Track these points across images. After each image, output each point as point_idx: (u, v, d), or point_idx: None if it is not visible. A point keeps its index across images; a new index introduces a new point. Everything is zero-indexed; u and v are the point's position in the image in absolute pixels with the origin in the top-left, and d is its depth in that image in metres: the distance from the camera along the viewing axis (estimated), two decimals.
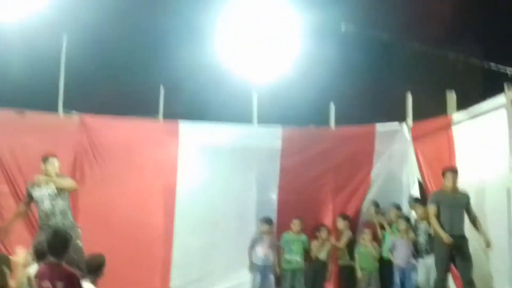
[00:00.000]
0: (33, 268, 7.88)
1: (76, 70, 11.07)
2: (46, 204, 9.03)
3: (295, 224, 10.83)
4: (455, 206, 9.33)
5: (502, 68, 12.08)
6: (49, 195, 9.08)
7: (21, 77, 11.96)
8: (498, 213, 9.26)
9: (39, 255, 8.64)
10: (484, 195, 9.71)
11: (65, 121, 10.74)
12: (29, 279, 7.62)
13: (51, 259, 6.77)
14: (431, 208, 9.40)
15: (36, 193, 9.13)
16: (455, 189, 9.46)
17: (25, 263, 8.49)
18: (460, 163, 10.22)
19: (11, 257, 8.81)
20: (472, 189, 9.79)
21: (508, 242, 8.98)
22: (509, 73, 11.81)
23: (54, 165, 9.25)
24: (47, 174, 9.16)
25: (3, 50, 11.24)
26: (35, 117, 10.53)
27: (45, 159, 9.23)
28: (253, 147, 11.24)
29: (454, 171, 9.55)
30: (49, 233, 7.34)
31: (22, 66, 11.93)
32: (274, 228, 10.95)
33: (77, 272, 7.19)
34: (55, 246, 6.82)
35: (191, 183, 10.96)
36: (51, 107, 10.74)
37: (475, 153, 10.04)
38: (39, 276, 6.73)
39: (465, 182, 9.90)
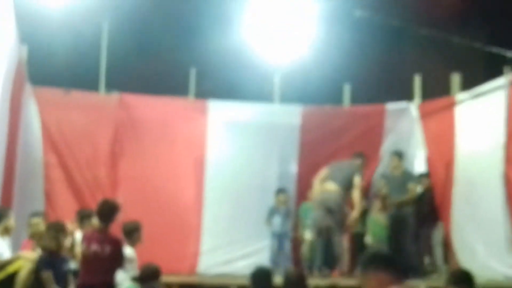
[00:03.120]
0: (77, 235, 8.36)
1: (116, 52, 11.36)
2: None
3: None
4: None
5: (503, 51, 12.38)
6: None
7: (67, 59, 12.30)
8: (492, 188, 9.49)
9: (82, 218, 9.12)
10: (480, 170, 9.93)
11: (106, 100, 11.11)
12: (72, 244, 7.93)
13: (98, 224, 7.25)
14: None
15: None
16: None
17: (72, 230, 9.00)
18: (460, 140, 10.48)
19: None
20: (470, 164, 10.16)
21: (501, 215, 9.28)
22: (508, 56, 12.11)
23: None
24: None
25: (51, 34, 11.49)
26: (79, 96, 10.94)
27: None
28: (275, 124, 11.51)
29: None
30: (99, 203, 7.85)
31: (68, 49, 12.23)
32: (290, 198, 11.30)
33: (121, 239, 7.74)
34: (104, 212, 7.22)
35: (218, 157, 11.27)
36: (93, 87, 11.10)
37: (475, 131, 10.24)
38: (87, 239, 7.07)
39: (465, 157, 10.30)
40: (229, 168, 11.26)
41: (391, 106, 11.86)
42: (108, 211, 7.23)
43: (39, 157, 10.48)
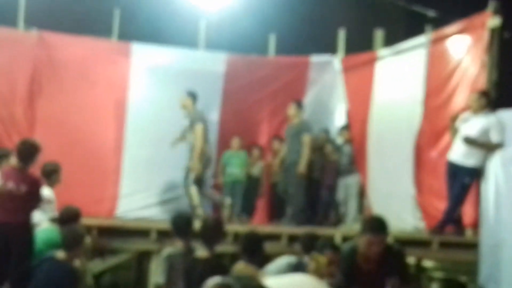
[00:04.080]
0: None
1: None
2: None
3: (235, 142, 11.12)
4: None
5: (425, 10, 12.62)
6: None
7: None
8: (403, 142, 9.81)
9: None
10: (393, 125, 10.19)
11: (25, 36, 10.65)
12: None
13: (17, 163, 7.06)
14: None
15: None
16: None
17: None
18: (376, 95, 10.68)
19: None
20: (384, 118, 10.39)
21: (409, 171, 9.66)
22: (430, 15, 12.35)
23: None
24: None
25: None
26: None
27: None
28: (199, 70, 11.28)
29: None
30: (19, 142, 7.61)
31: None
32: (212, 144, 10.95)
33: (40, 179, 7.54)
34: (24, 152, 7.08)
35: (140, 101, 11.01)
36: (12, 23, 10.59)
37: (392, 86, 10.44)
38: (5, 177, 6.90)
39: (380, 113, 10.52)
40: (151, 113, 11.04)
41: (315, 59, 11.88)
42: (28, 151, 7.11)
43: None
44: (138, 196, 10.79)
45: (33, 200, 7.08)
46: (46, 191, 7.78)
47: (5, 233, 6.76)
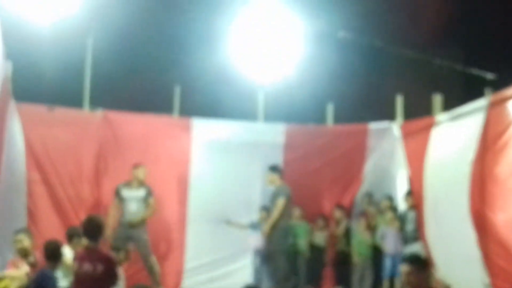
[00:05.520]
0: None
1: (101, 69, 11.26)
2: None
3: (296, 212, 11.08)
4: None
5: (483, 73, 12.44)
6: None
7: (51, 76, 12.21)
8: (459, 205, 9.40)
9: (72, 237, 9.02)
10: (446, 188, 9.90)
11: (90, 117, 10.98)
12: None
13: (88, 243, 7.04)
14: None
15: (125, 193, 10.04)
16: None
17: None
18: (431, 160, 10.42)
19: None
20: (440, 182, 10.12)
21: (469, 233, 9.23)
22: (488, 78, 12.16)
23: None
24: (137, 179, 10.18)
25: (36, 50, 11.36)
26: (63, 112, 10.78)
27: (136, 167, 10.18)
28: (259, 142, 11.43)
29: None
30: (84, 219, 7.70)
31: (52, 65, 12.14)
32: None
33: (113, 256, 7.57)
34: (91, 230, 7.04)
35: (202, 174, 11.16)
36: (78, 104, 10.97)
37: (447, 150, 10.19)
38: (79, 259, 6.90)
39: (433, 177, 10.27)
40: (213, 186, 11.15)
41: (374, 126, 11.86)
42: (95, 228, 7.09)
43: (23, 173, 10.27)
44: (203, 269, 10.85)
45: (110, 278, 6.99)
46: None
47: None
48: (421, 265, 5.89)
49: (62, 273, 7.79)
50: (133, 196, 10.28)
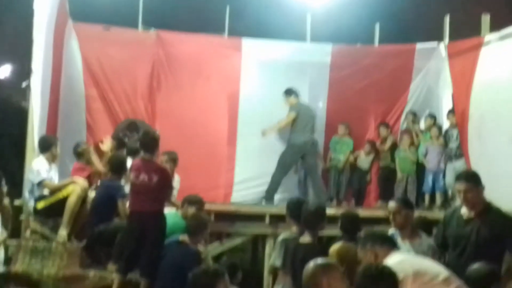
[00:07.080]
0: None
1: None
2: None
3: (341, 128, 11.36)
4: None
5: None
6: None
7: None
8: (504, 127, 9.48)
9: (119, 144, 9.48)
10: (497, 109, 9.87)
11: (144, 36, 11.19)
12: None
13: (143, 155, 7.32)
14: None
15: None
16: None
17: (110, 150, 9.32)
18: (479, 80, 10.34)
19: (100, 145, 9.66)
20: (488, 103, 10.11)
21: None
22: None
23: None
24: None
25: None
26: (118, 32, 11.05)
27: None
28: (306, 62, 11.51)
29: None
30: (142, 134, 8.06)
31: None
32: (319, 132, 11.35)
33: (167, 169, 7.93)
34: (148, 143, 7.34)
35: (252, 92, 11.39)
36: (132, 24, 11.18)
37: (497, 70, 10.06)
38: (136, 169, 7.16)
39: (481, 97, 10.23)
40: (261, 104, 11.36)
41: (421, 46, 11.80)
42: (151, 141, 7.36)
43: (81, 90, 10.67)
44: (252, 183, 11.17)
45: (165, 189, 7.30)
46: (176, 177, 8.25)
47: (141, 221, 7.02)
48: (478, 181, 5.96)
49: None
50: None
